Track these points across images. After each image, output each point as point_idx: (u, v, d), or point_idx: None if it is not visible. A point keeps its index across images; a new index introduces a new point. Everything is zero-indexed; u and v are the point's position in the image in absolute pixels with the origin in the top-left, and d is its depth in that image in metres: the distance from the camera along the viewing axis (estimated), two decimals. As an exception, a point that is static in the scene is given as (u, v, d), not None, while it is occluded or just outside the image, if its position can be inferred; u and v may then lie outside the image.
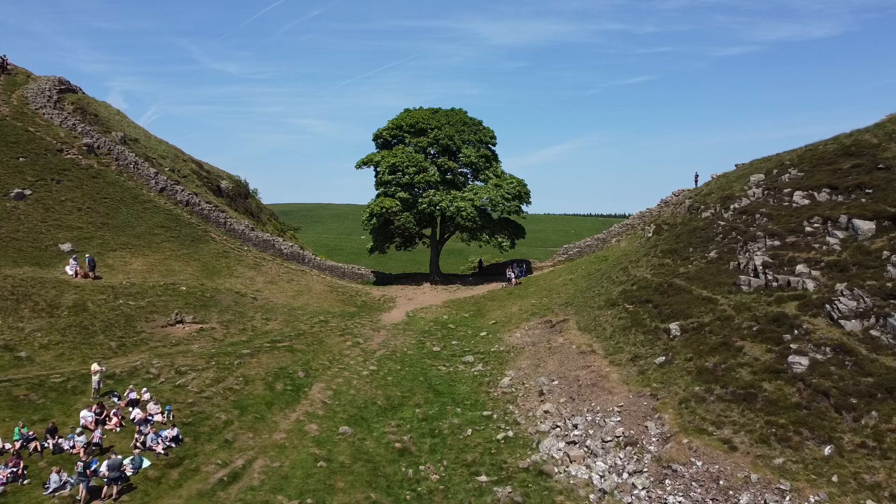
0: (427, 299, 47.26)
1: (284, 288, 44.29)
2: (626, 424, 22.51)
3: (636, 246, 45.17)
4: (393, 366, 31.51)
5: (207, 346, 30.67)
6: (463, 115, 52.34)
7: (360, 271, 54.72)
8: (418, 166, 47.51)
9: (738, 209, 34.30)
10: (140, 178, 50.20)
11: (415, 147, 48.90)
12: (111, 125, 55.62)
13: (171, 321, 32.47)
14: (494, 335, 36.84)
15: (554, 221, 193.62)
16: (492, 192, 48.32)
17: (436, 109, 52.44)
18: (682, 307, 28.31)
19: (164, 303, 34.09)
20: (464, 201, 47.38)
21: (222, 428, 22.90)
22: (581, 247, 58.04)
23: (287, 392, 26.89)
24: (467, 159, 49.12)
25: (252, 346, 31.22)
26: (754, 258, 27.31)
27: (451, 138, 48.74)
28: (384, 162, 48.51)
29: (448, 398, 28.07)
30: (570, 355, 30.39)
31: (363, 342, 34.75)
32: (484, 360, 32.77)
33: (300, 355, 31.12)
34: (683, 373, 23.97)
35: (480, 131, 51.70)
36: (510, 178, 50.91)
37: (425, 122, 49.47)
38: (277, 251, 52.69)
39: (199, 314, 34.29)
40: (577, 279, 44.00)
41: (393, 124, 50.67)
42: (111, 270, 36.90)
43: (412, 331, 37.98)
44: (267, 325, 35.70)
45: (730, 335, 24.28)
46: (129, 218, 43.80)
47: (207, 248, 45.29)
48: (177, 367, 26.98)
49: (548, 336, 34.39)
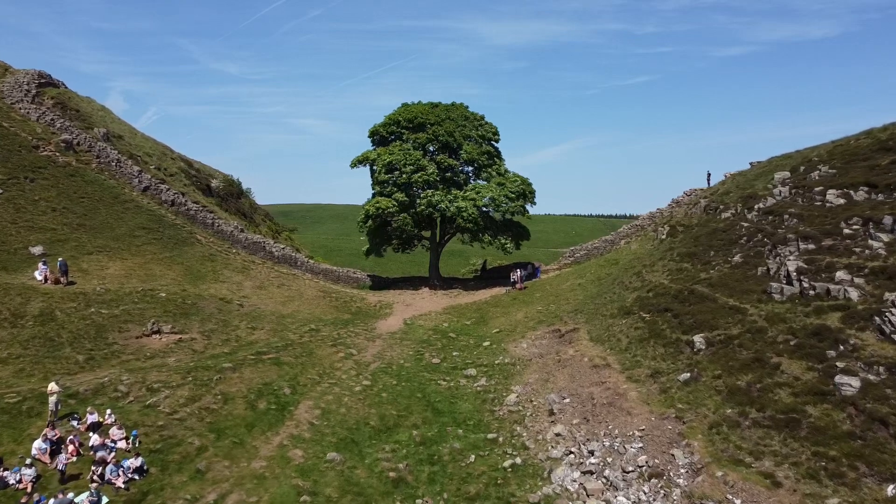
0: (426, 305, 44.95)
1: (274, 293, 41.99)
2: (650, 452, 20.20)
3: (649, 249, 42.86)
4: (388, 380, 29.21)
5: (185, 360, 28.37)
6: (464, 109, 50.06)
7: (356, 275, 52.42)
8: (416, 164, 45.21)
9: (763, 209, 31.99)
10: (122, 176, 47.92)
11: (413, 144, 46.59)
12: (93, 121, 53.35)
13: (147, 331, 30.17)
14: (499, 345, 34.54)
15: (554, 222, 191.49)
16: (494, 191, 46.03)
17: (435, 104, 50.13)
18: (707, 317, 26.00)
19: (141, 311, 31.78)
20: (465, 201, 45.08)
21: (195, 455, 20.59)
22: (588, 249, 55.78)
23: (271, 412, 24.58)
24: (468, 157, 46.80)
25: (235, 358, 28.92)
26: (787, 263, 25.00)
27: (451, 134, 46.44)
28: (380, 160, 46.21)
29: (449, 418, 25.77)
30: (582, 369, 28.08)
31: (356, 353, 32.45)
32: (488, 374, 30.47)
33: (287, 369, 28.82)
34: (712, 392, 21.66)
35: (482, 127, 49.40)
36: (514, 176, 48.61)
37: (424, 117, 47.15)
38: (268, 254, 50.39)
39: (179, 323, 31.98)
40: (587, 284, 41.69)
41: (390, 119, 48.37)
42: (85, 275, 34.61)
43: (410, 340, 35.68)
44: (253, 334, 33.40)
45: (763, 350, 21.97)
46: (109, 219, 41.50)
47: (192, 251, 43.00)
48: (149, 384, 24.67)
49: (557, 347, 32.08)
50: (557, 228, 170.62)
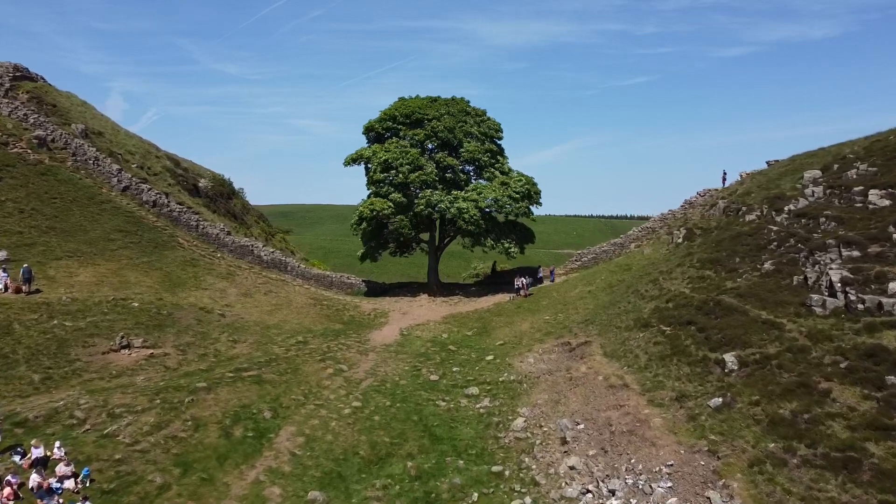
0: (424, 314, 42.41)
1: (260, 301, 39.44)
2: (681, 493, 17.67)
3: (664, 253, 40.30)
4: (381, 401, 26.67)
5: (156, 378, 25.83)
6: (465, 104, 47.54)
7: (350, 280, 49.88)
8: (414, 163, 42.70)
9: (794, 211, 29.46)
10: (100, 175, 45.40)
11: (410, 141, 44.07)
12: (71, 117, 50.84)
13: (114, 346, 27.64)
14: (503, 360, 32.00)
15: (556, 223, 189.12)
16: (497, 191, 43.51)
17: (434, 98, 47.62)
18: (738, 332, 23.47)
19: (110, 323, 29.24)
20: (466, 202, 42.56)
21: (155, 496, 18.06)
22: (596, 253, 53.25)
23: (247, 440, 22.05)
24: (469, 155, 44.27)
25: (211, 376, 26.37)
26: (829, 273, 22.47)
27: (451, 131, 43.92)
28: (375, 158, 43.69)
29: (448, 445, 23.25)
30: (596, 389, 25.54)
31: (347, 369, 29.92)
32: (491, 393, 27.92)
33: (269, 388, 26.28)
34: (750, 421, 19.14)
35: (484, 123, 46.89)
36: (518, 175, 46.10)
37: (422, 113, 44.64)
38: (256, 258, 47.87)
39: (152, 336, 29.44)
40: (597, 292, 39.13)
41: (385, 115, 45.84)
42: (52, 283, 32.07)
43: (406, 354, 33.15)
44: (234, 348, 30.86)
45: (808, 373, 19.45)
46: (82, 221, 38.97)
47: (173, 256, 40.45)
48: (110, 409, 22.15)
49: (567, 363, 29.54)
50: (559, 229, 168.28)
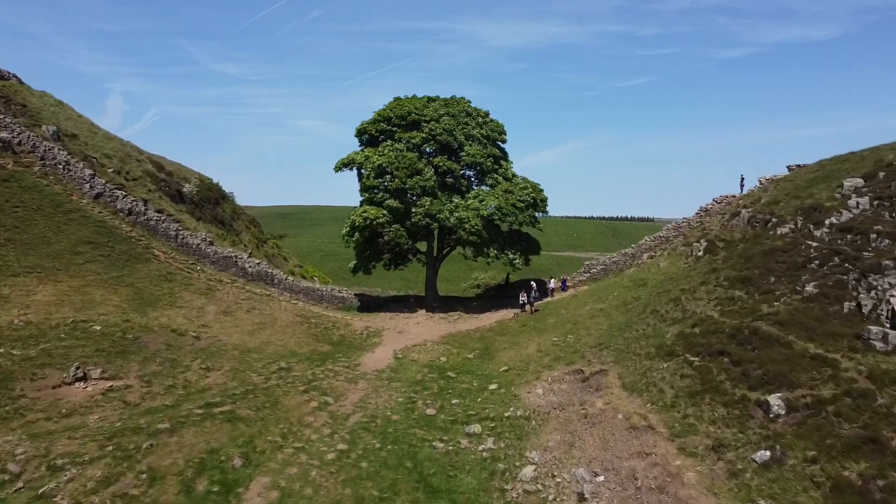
0: (421, 332, 39.46)
1: (241, 320, 36.49)
2: (730, 578, 14.67)
3: (683, 268, 37.36)
4: (370, 441, 23.72)
5: (112, 417, 22.89)
6: (465, 104, 44.63)
7: (342, 294, 46.93)
8: (410, 168, 39.77)
9: (837, 225, 26.53)
10: (71, 181, 42.48)
11: (406, 144, 41.14)
12: (42, 117, 47.95)
13: (68, 378, 24.69)
14: (508, 390, 29.03)
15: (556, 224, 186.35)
16: (501, 199, 40.58)
17: (433, 98, 44.72)
18: (781, 368, 20.54)
19: (66, 350, 26.30)
20: (467, 211, 39.62)
21: (89, 579, 15.04)
22: (606, 264, 50.36)
23: (212, 497, 19.11)
24: (471, 159, 41.34)
25: (176, 414, 23.42)
26: (891, 300, 19.53)
27: (451, 133, 40.98)
28: (369, 163, 40.76)
29: (446, 500, 20.31)
30: (616, 431, 22.58)
31: (333, 402, 26.98)
32: (496, 432, 24.96)
33: (243, 428, 23.33)
34: (807, 484, 16.21)
35: (487, 125, 43.97)
36: (522, 182, 43.18)
37: (419, 113, 41.71)
38: (240, 270, 44.94)
39: (114, 365, 26.49)
40: (611, 310, 36.18)
41: (379, 116, 42.91)
42: (5, 304, 29.14)
43: (400, 381, 30.20)
44: (207, 377, 27.91)
45: (876, 425, 16.51)
46: (46, 232, 36.04)
47: (146, 270, 37.50)
48: (51, 459, 19.19)
49: (581, 395, 26.58)
50: (559, 231, 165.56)
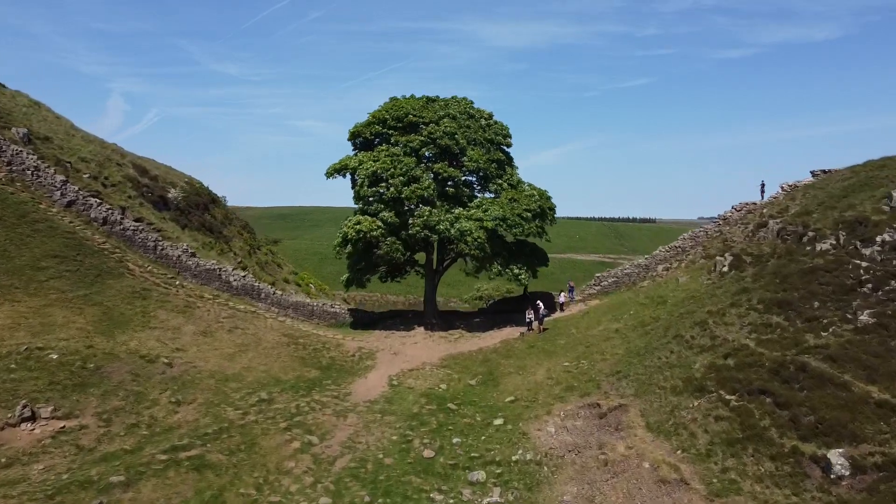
0: (419, 353, 36.58)
1: (222, 341, 33.63)
2: None
3: (706, 285, 34.43)
4: (358, 493, 20.86)
5: (60, 467, 20.00)
6: (467, 105, 41.78)
7: (334, 309, 44.03)
8: (408, 175, 36.89)
9: (891, 243, 23.61)
10: (41, 188, 39.68)
11: (404, 148, 38.23)
12: (14, 119, 45.13)
13: (13, 418, 21.83)
14: (515, 426, 26.12)
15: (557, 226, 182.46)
16: (506, 208, 37.69)
17: (432, 98, 41.86)
18: (840, 416, 17.64)
19: (14, 385, 23.43)
20: (469, 221, 36.75)
21: None
22: (618, 276, 47.46)
23: (165, 573, 16.15)
24: (474, 165, 38.44)
25: (135, 461, 20.53)
26: (974, 340, 16.58)
27: (451, 136, 38.10)
28: (362, 169, 37.90)
29: (445, 572, 17.32)
30: (643, 484, 19.70)
31: (318, 441, 24.11)
32: (502, 480, 22.06)
33: (212, 478, 20.44)
34: (890, 574, 13.22)
35: (491, 127, 41.09)
36: (529, 189, 40.33)
37: (418, 115, 38.82)
38: (224, 284, 42.08)
39: (69, 401, 23.62)
40: (627, 331, 33.27)
41: (375, 117, 40.03)
42: (-48, 328, 26.26)
43: (395, 415, 27.32)
44: (175, 413, 25.03)
45: (974, 501, 13.56)
46: (7, 245, 33.21)
47: (118, 286, 34.64)
48: (-23, 527, 16.26)
49: (599, 435, 23.67)
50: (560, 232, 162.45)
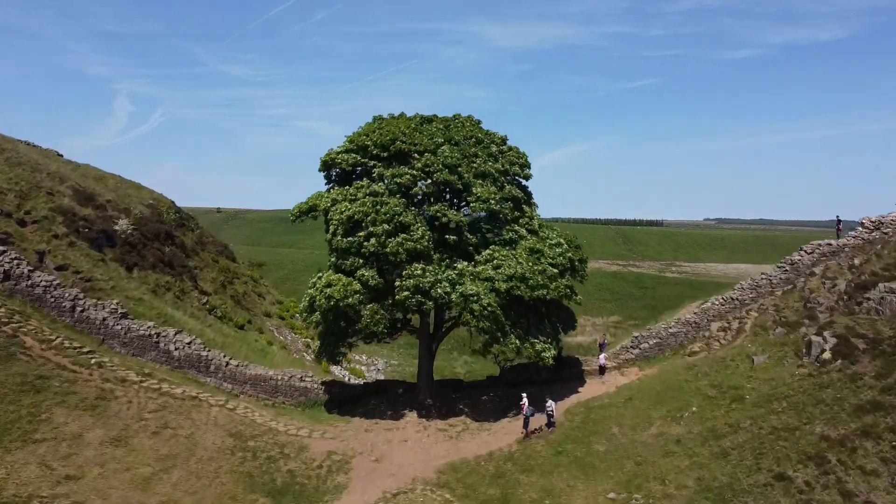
0: (409, 460, 28.09)
1: (140, 453, 25.17)
2: None
3: (800, 378, 25.72)
4: None
5: None
6: (474, 126, 33.18)
7: (304, 383, 35.40)
8: (395, 221, 28.33)
9: None
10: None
11: (389, 185, 29.63)
12: None
13: None
14: None
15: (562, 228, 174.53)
16: (524, 262, 29.13)
17: (428, 118, 33.23)
18: None
19: None
20: (476, 282, 28.18)
21: None
22: (662, 337, 38.97)
23: None
24: (483, 206, 29.78)
25: None
26: None
27: (453, 169, 29.50)
28: (336, 212, 29.34)
29: None
30: None
31: None
32: None
33: None
34: None
35: (504, 155, 32.47)
36: (555, 236, 31.74)
37: (409, 141, 30.17)
38: (163, 354, 33.70)
39: None
40: (694, 444, 24.63)
41: (353, 143, 31.35)
42: None
43: None
44: None
45: None
46: None
47: (3, 375, 26.17)
48: None
49: None
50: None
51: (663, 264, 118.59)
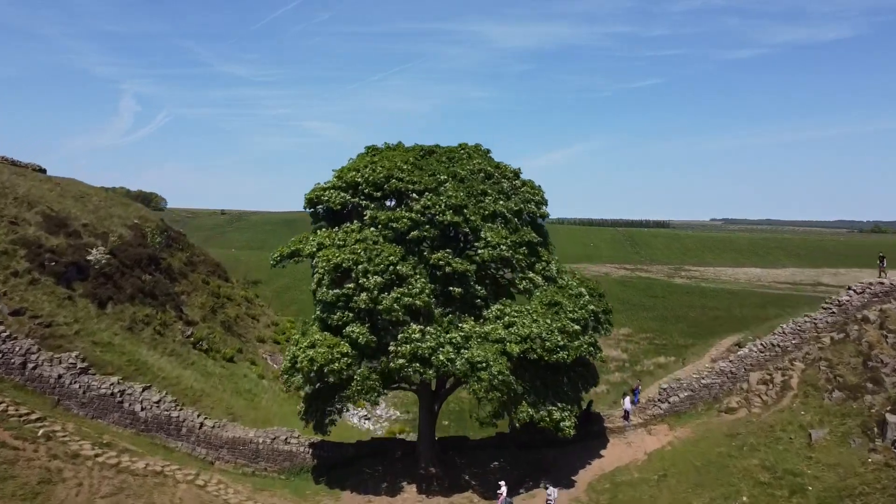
0: (406, 554, 24.01)
1: (82, 559, 21.16)
2: None
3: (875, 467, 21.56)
4: None
5: None
6: (482, 157, 29.18)
7: (287, 446, 31.38)
8: (390, 273, 24.39)
9: None
10: None
11: (384, 231, 25.70)
12: None
13: None
14: None
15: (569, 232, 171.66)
16: (541, 320, 25.09)
17: (429, 149, 29.22)
18: None
19: None
20: (484, 346, 24.19)
21: None
22: (694, 390, 35.03)
23: None
24: (493, 253, 25.78)
25: None
26: None
27: (459, 211, 25.55)
28: (322, 259, 25.40)
29: None
30: None
31: None
32: None
33: None
34: None
35: (518, 192, 28.48)
36: (575, 285, 27.67)
37: (406, 178, 26.17)
38: (127, 415, 29.88)
39: None
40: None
41: (342, 179, 27.37)
42: None
43: None
44: None
45: None
46: None
47: (-75, 460, 22.31)
48: None
49: None
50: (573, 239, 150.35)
51: (671, 268, 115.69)
